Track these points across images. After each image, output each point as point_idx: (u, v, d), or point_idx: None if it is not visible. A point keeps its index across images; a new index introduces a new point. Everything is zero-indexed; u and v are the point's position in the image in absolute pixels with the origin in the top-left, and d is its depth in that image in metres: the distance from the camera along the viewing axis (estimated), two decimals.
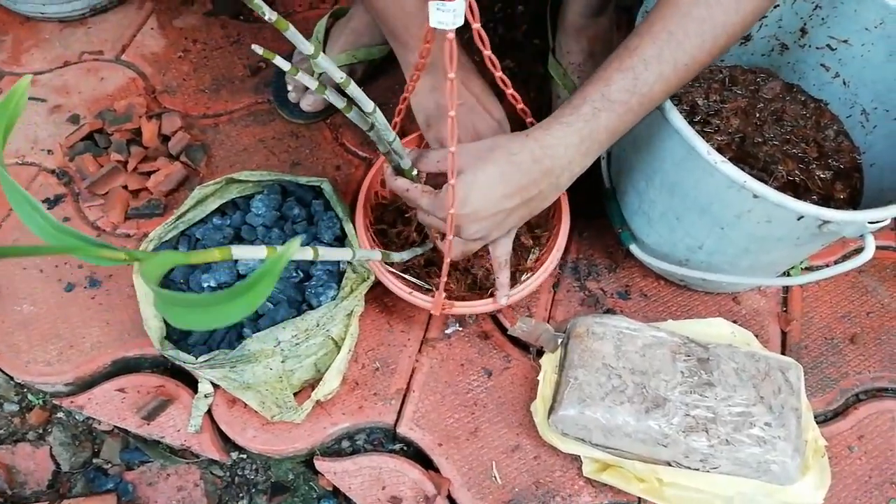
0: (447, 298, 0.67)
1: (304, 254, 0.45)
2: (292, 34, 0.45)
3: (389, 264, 0.71)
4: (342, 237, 0.73)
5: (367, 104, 0.54)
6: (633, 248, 0.77)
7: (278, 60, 0.47)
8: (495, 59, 0.57)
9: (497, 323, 0.80)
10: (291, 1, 1.12)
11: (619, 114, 0.55)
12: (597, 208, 0.82)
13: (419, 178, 0.65)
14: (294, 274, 0.70)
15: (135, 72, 1.02)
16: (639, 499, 0.67)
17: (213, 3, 1.10)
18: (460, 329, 0.78)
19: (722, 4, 0.52)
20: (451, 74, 0.48)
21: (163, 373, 0.77)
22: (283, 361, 0.65)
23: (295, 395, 0.71)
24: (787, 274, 0.81)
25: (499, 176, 0.56)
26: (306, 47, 0.46)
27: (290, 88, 0.94)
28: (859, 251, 0.58)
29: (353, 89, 0.52)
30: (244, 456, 0.75)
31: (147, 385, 0.75)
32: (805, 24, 0.77)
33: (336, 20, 0.94)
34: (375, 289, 0.73)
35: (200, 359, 0.64)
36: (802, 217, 0.57)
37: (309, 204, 0.77)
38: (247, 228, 0.75)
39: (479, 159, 0.56)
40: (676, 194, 0.66)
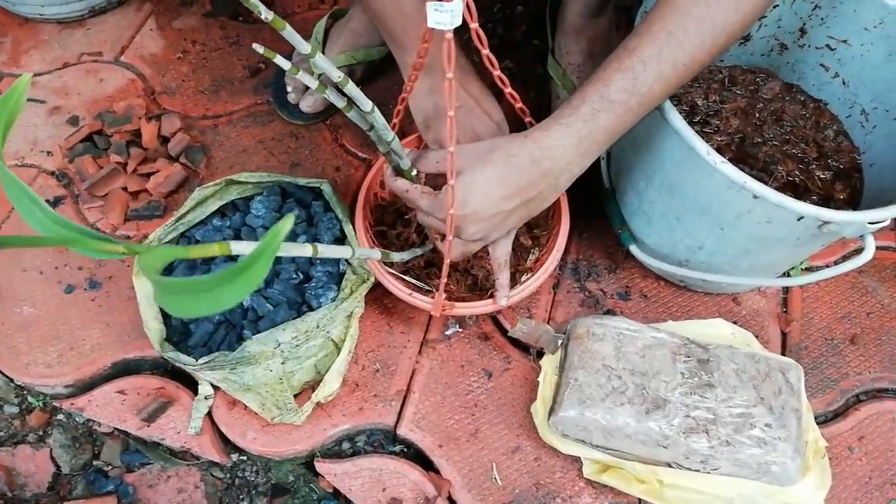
0: (447, 299, 0.67)
1: (304, 250, 0.45)
2: (289, 34, 0.45)
3: (389, 265, 0.71)
4: (342, 238, 0.73)
5: (366, 103, 0.54)
6: (632, 248, 0.77)
7: (279, 59, 0.47)
8: (493, 57, 0.57)
9: (497, 324, 0.80)
10: (290, 2, 1.12)
11: (619, 114, 0.55)
12: (596, 209, 0.82)
13: (419, 178, 0.65)
14: (294, 276, 0.70)
15: (134, 73, 1.02)
16: (639, 500, 0.67)
17: (213, 4, 1.10)
18: (460, 330, 0.78)
19: (721, 4, 0.52)
20: (450, 74, 0.48)
21: (163, 375, 0.76)
22: (283, 363, 0.65)
23: (295, 396, 0.71)
24: (787, 274, 0.81)
25: (498, 177, 0.56)
26: (304, 47, 0.46)
27: (289, 90, 0.94)
28: (859, 252, 0.58)
29: (351, 88, 0.52)
30: (244, 458, 0.75)
31: (147, 387, 0.75)
32: (804, 24, 0.77)
33: (335, 21, 0.94)
34: (375, 290, 0.73)
35: (200, 361, 0.64)
36: (802, 217, 0.57)
37: (309, 205, 0.77)
38: (246, 230, 0.75)
39: (478, 160, 0.56)
40: (676, 195, 0.66)
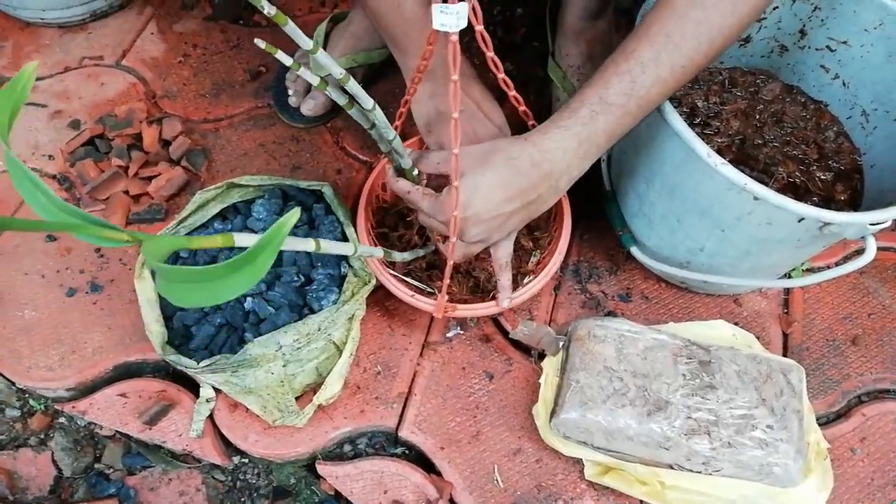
0: (449, 301, 0.67)
1: (307, 245, 0.45)
2: (291, 29, 0.45)
3: (391, 265, 0.72)
4: (343, 241, 0.73)
5: (367, 101, 0.54)
6: (633, 250, 0.77)
7: (280, 55, 0.48)
8: (498, 60, 0.57)
9: (498, 326, 0.80)
10: (291, 5, 1.12)
11: (617, 117, 0.55)
12: (597, 211, 0.82)
13: (420, 179, 0.65)
14: (295, 278, 0.70)
15: (135, 77, 1.02)
16: (641, 502, 0.67)
17: (213, 7, 1.10)
18: (461, 332, 0.78)
19: (718, 7, 0.52)
20: (455, 76, 0.48)
21: (164, 377, 0.76)
22: (284, 366, 0.65)
23: (296, 399, 0.71)
24: (788, 276, 0.81)
25: (498, 180, 0.56)
26: (305, 42, 0.46)
27: (290, 93, 0.94)
28: (860, 253, 0.58)
29: (353, 86, 0.52)
30: (246, 460, 0.75)
31: (149, 390, 0.75)
32: (804, 26, 0.77)
33: (336, 24, 0.94)
34: (377, 293, 0.73)
35: (202, 363, 0.64)
36: (803, 219, 0.57)
37: (310, 208, 0.77)
38: (248, 233, 0.75)
39: (479, 163, 0.56)
40: (677, 196, 0.66)
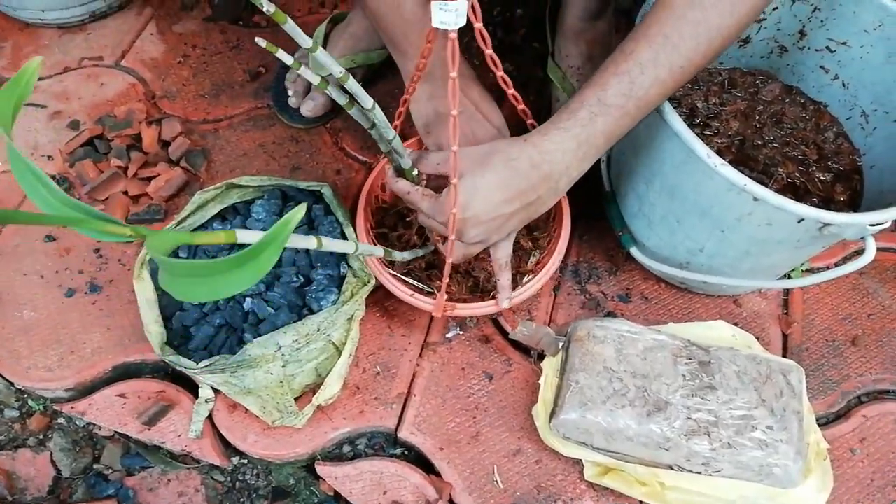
0: (448, 301, 0.67)
1: (309, 242, 0.45)
2: (290, 27, 0.45)
3: (391, 264, 0.72)
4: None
5: (367, 100, 0.54)
6: (633, 251, 0.77)
7: (281, 54, 0.48)
8: (496, 58, 0.57)
9: (498, 327, 0.79)
10: (291, 6, 1.12)
11: (616, 118, 0.55)
12: (597, 211, 0.82)
13: (420, 180, 0.65)
14: (294, 279, 0.70)
15: (135, 77, 1.02)
16: (640, 503, 0.67)
17: (213, 8, 1.10)
18: (461, 333, 0.78)
19: (717, 7, 0.52)
20: (454, 73, 0.48)
21: (163, 378, 0.76)
22: (283, 366, 0.65)
23: (296, 399, 0.71)
24: (788, 276, 0.81)
25: (498, 181, 0.56)
26: (305, 41, 0.46)
27: (290, 93, 0.94)
28: (860, 253, 0.58)
29: (353, 85, 0.52)
30: (245, 461, 0.75)
31: (148, 390, 0.75)
32: (804, 27, 0.77)
33: (335, 25, 0.94)
34: (376, 293, 0.73)
35: (201, 364, 0.64)
36: (803, 220, 0.57)
37: (309, 209, 0.76)
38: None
39: (479, 164, 0.56)
40: (676, 197, 0.66)
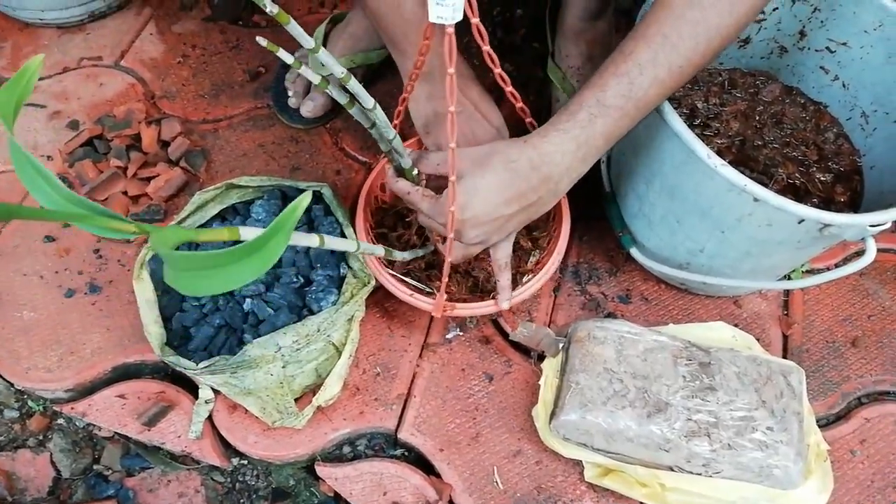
0: (448, 301, 0.67)
1: (311, 240, 0.45)
2: (293, 27, 0.45)
3: (391, 264, 0.71)
4: None
5: (368, 100, 0.54)
6: (633, 251, 0.77)
7: (282, 53, 0.48)
8: (494, 55, 0.57)
9: (498, 327, 0.79)
10: (290, 6, 1.12)
11: (615, 119, 0.55)
12: (597, 212, 0.82)
13: (420, 180, 0.65)
14: (294, 280, 0.70)
15: (134, 77, 1.02)
16: None
17: (212, 8, 1.10)
18: (461, 334, 0.78)
19: (716, 7, 0.52)
20: (451, 69, 0.48)
21: (163, 379, 0.76)
22: (283, 367, 0.65)
23: (296, 400, 0.71)
24: (788, 277, 0.81)
25: (498, 182, 0.56)
26: (307, 41, 0.46)
27: (290, 94, 0.94)
28: (860, 254, 0.58)
29: (354, 85, 0.52)
30: (245, 462, 0.75)
31: (147, 391, 0.75)
32: (804, 27, 0.77)
33: (335, 25, 0.94)
34: (376, 294, 0.73)
35: (201, 365, 0.64)
36: (803, 220, 0.57)
37: (309, 209, 0.76)
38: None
39: (478, 165, 0.56)
40: (676, 198, 0.66)
